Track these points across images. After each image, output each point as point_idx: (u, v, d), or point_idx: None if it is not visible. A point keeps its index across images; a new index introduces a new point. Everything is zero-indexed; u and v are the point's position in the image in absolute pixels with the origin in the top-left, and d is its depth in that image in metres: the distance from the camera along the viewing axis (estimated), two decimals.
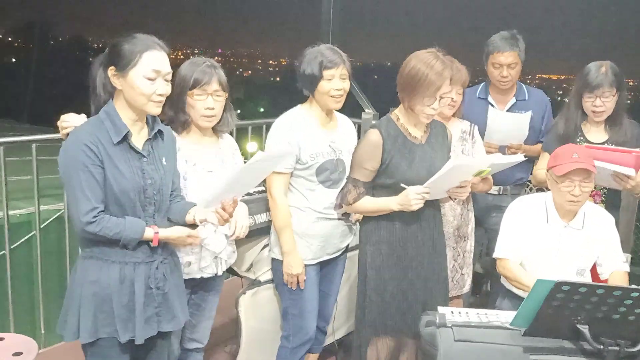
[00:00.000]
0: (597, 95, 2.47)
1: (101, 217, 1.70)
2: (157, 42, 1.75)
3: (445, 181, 2.08)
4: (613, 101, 2.48)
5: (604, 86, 2.45)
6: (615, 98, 2.48)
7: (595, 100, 2.48)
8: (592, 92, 2.47)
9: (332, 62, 2.21)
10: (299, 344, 2.42)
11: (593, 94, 2.48)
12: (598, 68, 2.48)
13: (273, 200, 2.30)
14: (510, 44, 2.78)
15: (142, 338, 1.78)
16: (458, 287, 2.69)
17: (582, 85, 2.50)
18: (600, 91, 2.46)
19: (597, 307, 1.52)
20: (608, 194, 2.57)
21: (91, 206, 1.68)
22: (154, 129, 1.82)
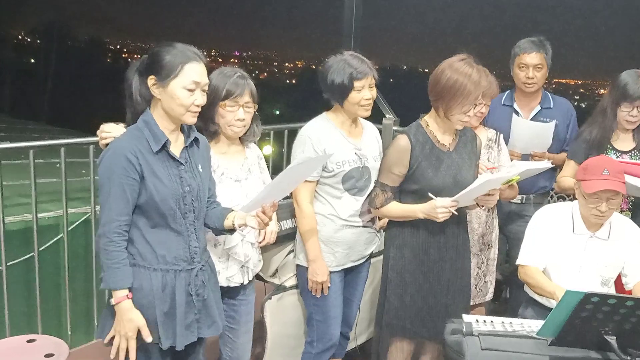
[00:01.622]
0: (635, 106, 2.49)
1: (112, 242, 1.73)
2: (196, 53, 1.79)
3: (474, 193, 2.10)
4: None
5: None
6: None
7: (632, 110, 2.50)
8: (631, 103, 2.49)
9: (362, 73, 2.23)
10: (323, 349, 2.46)
11: (631, 105, 2.49)
12: (637, 78, 2.50)
13: (299, 208, 2.34)
14: (537, 45, 2.81)
15: (182, 344, 1.83)
16: (481, 295, 2.71)
17: (621, 96, 2.52)
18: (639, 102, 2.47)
19: (625, 318, 1.54)
20: (635, 201, 2.58)
21: (109, 218, 1.73)
22: (190, 136, 1.87)
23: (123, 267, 1.74)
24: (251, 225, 1.88)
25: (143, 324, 1.76)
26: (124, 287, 1.75)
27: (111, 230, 1.73)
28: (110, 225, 1.73)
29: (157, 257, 1.80)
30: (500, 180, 2.14)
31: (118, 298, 1.74)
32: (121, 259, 1.74)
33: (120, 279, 1.74)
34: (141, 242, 1.79)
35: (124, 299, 1.75)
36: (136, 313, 1.76)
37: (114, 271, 1.73)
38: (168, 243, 1.81)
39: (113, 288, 1.75)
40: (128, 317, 1.75)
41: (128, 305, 1.75)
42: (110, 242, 1.73)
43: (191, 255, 1.85)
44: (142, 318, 1.76)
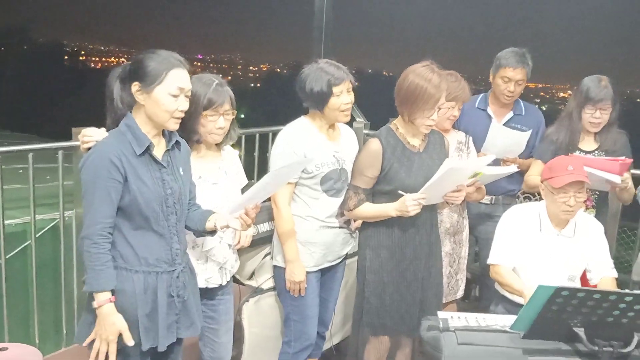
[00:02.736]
0: (598, 108, 2.61)
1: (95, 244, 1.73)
2: (179, 59, 1.82)
3: (441, 185, 2.19)
4: (609, 113, 2.63)
5: (607, 100, 2.60)
6: (611, 110, 2.63)
7: (595, 112, 2.62)
8: (594, 106, 2.61)
9: (339, 79, 2.29)
10: (300, 349, 2.50)
11: (594, 107, 2.61)
12: (598, 83, 2.62)
13: (278, 210, 2.37)
14: (522, 61, 2.89)
15: (164, 345, 1.84)
16: (453, 292, 2.81)
17: (584, 99, 2.64)
18: (602, 104, 2.60)
19: (593, 310, 1.62)
20: (598, 200, 2.70)
21: (94, 220, 1.73)
22: (172, 140, 1.89)
23: (107, 269, 1.75)
24: (234, 226, 1.91)
25: (125, 327, 1.76)
26: (107, 289, 1.74)
27: (95, 232, 1.73)
28: (94, 227, 1.73)
29: (139, 259, 1.81)
30: (465, 173, 2.22)
31: (101, 301, 1.74)
32: (104, 261, 1.74)
33: (104, 281, 1.74)
34: (123, 244, 1.80)
35: (106, 302, 1.74)
36: (118, 317, 1.76)
37: (97, 273, 1.73)
38: (150, 245, 1.82)
39: (96, 290, 1.74)
40: (110, 321, 1.75)
41: (110, 309, 1.75)
42: (93, 245, 1.73)
43: (173, 257, 1.87)
44: (124, 322, 1.76)
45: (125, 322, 1.76)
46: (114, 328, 1.75)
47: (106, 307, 1.74)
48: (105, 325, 1.75)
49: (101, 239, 1.74)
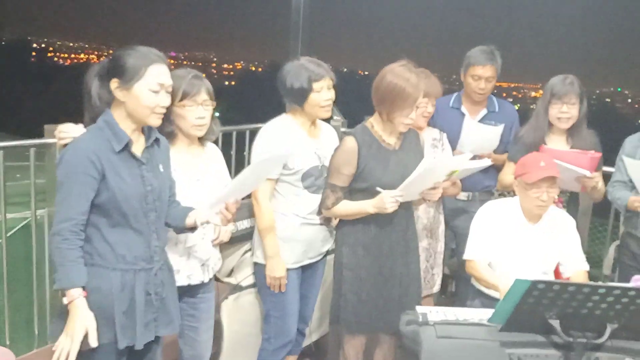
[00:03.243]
0: (564, 102, 2.67)
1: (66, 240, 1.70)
2: (159, 55, 1.81)
3: (418, 183, 2.22)
4: (576, 109, 2.69)
5: (571, 94, 2.66)
6: (578, 107, 2.69)
7: (562, 107, 2.68)
8: (560, 100, 2.67)
9: (320, 75, 2.32)
10: (280, 345, 2.51)
11: (561, 101, 2.67)
12: (564, 79, 2.69)
13: (258, 205, 2.38)
14: (490, 58, 2.95)
15: (142, 343, 1.83)
16: (429, 287, 2.86)
17: (550, 95, 2.70)
18: (567, 98, 2.66)
19: (567, 303, 1.67)
20: (569, 200, 2.78)
21: (67, 216, 1.71)
22: (151, 136, 1.88)
23: (77, 265, 1.71)
24: (214, 222, 1.91)
25: (93, 326, 1.70)
26: (78, 285, 1.70)
27: (66, 228, 1.70)
28: (66, 223, 1.71)
29: (117, 257, 1.79)
30: (443, 171, 2.26)
31: (71, 296, 1.69)
32: (75, 257, 1.71)
33: (74, 277, 1.70)
34: (100, 242, 1.78)
35: (76, 297, 1.69)
36: (89, 314, 1.70)
37: (67, 269, 1.69)
38: (129, 242, 1.81)
39: (66, 287, 1.70)
40: (79, 316, 1.68)
41: (81, 304, 1.69)
42: (64, 240, 1.70)
43: (151, 254, 1.86)
44: (94, 320, 1.71)
45: (94, 320, 1.71)
46: (82, 324, 1.68)
47: (76, 302, 1.69)
48: (73, 321, 1.69)
49: (72, 235, 1.71)
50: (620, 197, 2.70)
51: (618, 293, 1.65)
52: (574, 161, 2.52)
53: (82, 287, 1.72)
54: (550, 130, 2.77)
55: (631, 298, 1.65)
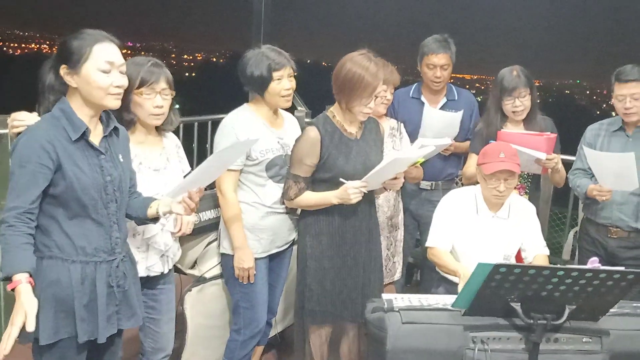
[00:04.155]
0: (515, 97, 2.75)
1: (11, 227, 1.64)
2: (106, 35, 1.78)
3: (382, 174, 2.26)
4: (529, 100, 2.77)
5: (520, 87, 2.73)
6: (530, 97, 2.77)
7: (515, 102, 2.76)
8: (510, 95, 2.75)
9: (280, 64, 2.33)
10: (250, 336, 2.52)
11: (512, 97, 2.75)
12: (510, 73, 2.77)
13: (223, 197, 2.38)
14: (444, 46, 3.01)
15: (104, 337, 1.81)
16: (390, 275, 2.92)
17: (500, 91, 2.78)
18: (517, 92, 2.74)
19: (528, 286, 1.73)
20: (531, 186, 2.87)
21: (14, 204, 1.67)
22: (109, 125, 1.85)
23: (21, 251, 1.64)
24: (177, 211, 1.90)
25: (32, 311, 1.56)
26: (21, 270, 1.60)
27: (12, 215, 1.65)
28: (12, 211, 1.66)
29: (76, 249, 1.77)
30: (407, 160, 2.31)
31: (14, 282, 1.58)
32: (19, 242, 1.64)
33: (18, 262, 1.61)
34: (58, 234, 1.75)
35: (19, 282, 1.58)
36: (31, 298, 1.57)
37: (11, 256, 1.62)
38: (88, 234, 1.78)
39: (10, 273, 1.61)
40: (20, 302, 1.56)
41: (24, 290, 1.57)
42: (8, 227, 1.65)
43: (112, 246, 1.84)
44: (35, 307, 1.57)
45: (36, 307, 1.58)
46: (21, 310, 1.56)
47: (20, 287, 1.58)
48: (15, 308, 1.59)
49: (18, 222, 1.65)
50: (580, 185, 2.81)
51: (576, 275, 1.71)
52: (531, 143, 2.60)
53: (28, 274, 1.61)
54: (507, 121, 2.85)
55: (588, 279, 1.72)
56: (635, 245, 2.72)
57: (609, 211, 2.75)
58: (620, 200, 2.68)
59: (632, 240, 2.72)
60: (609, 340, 1.86)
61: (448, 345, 1.83)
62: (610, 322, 1.88)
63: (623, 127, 2.76)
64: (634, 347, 1.88)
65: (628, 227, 2.71)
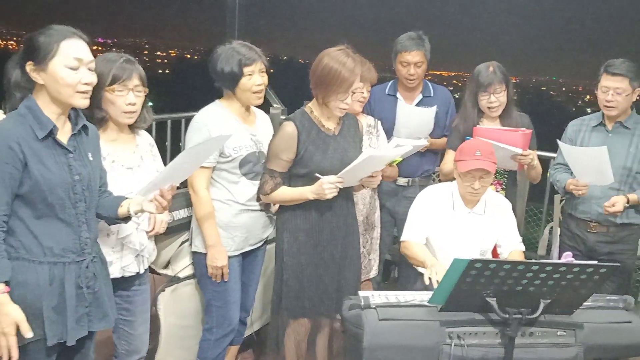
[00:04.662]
0: (490, 93, 2.79)
1: None
2: (74, 31, 1.75)
3: (359, 171, 2.27)
4: (504, 95, 2.81)
5: (495, 83, 2.77)
6: (505, 93, 2.81)
7: (490, 97, 2.80)
8: (486, 91, 2.79)
9: (251, 59, 2.32)
10: (222, 335, 2.51)
11: (487, 92, 2.79)
12: (487, 68, 2.81)
13: (196, 195, 2.36)
14: (417, 43, 3.03)
15: (73, 339, 1.79)
16: (366, 272, 2.93)
17: (476, 86, 2.81)
18: (492, 88, 2.78)
19: (503, 281, 1.76)
20: (507, 182, 2.91)
21: None
22: (78, 123, 1.82)
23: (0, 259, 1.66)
24: (149, 210, 1.88)
25: (22, 318, 1.66)
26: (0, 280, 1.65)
27: None
28: None
29: (44, 250, 1.74)
30: (383, 159, 2.32)
31: None
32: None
33: None
34: (25, 234, 1.72)
35: None
36: (14, 307, 1.66)
37: None
38: (56, 234, 1.76)
39: None
40: (4, 312, 1.65)
41: (4, 300, 1.65)
42: None
43: (81, 246, 1.81)
44: (21, 312, 1.67)
45: (22, 312, 1.67)
46: (9, 319, 1.64)
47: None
48: (0, 320, 1.65)
49: None
50: (559, 180, 2.87)
51: (550, 269, 1.75)
52: (507, 138, 2.64)
53: (5, 283, 1.66)
54: (483, 117, 2.89)
55: (562, 273, 1.76)
56: (614, 240, 2.77)
57: (588, 206, 2.80)
58: (599, 194, 2.72)
59: (611, 235, 2.77)
60: (583, 334, 1.90)
61: (425, 341, 1.85)
62: (584, 315, 1.93)
63: (603, 123, 2.81)
64: (607, 339, 1.93)
65: (607, 221, 2.76)
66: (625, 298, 2.02)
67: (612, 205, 2.62)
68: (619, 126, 2.76)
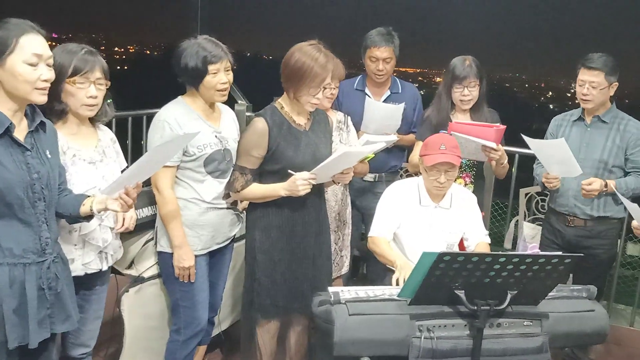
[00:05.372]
0: (464, 86, 2.85)
1: None
2: (32, 25, 1.72)
3: (332, 167, 2.29)
4: (477, 90, 2.89)
5: (470, 77, 2.84)
6: (478, 87, 2.88)
7: (464, 90, 2.86)
8: (460, 84, 2.85)
9: (217, 57, 2.28)
10: (191, 335, 2.50)
11: (461, 85, 2.85)
12: (463, 62, 2.87)
13: (160, 194, 2.34)
14: (387, 39, 3.07)
15: (36, 342, 1.76)
16: (338, 268, 2.96)
17: (451, 78, 2.87)
18: (467, 82, 2.85)
19: (471, 273, 1.81)
20: (476, 176, 2.98)
21: None
22: (35, 120, 1.79)
23: None
24: (113, 208, 1.86)
25: None
26: None
27: None
28: None
29: (3, 251, 1.71)
30: (356, 155, 2.35)
31: None
32: None
33: None
34: None
35: None
36: None
37: None
38: (15, 235, 1.73)
39: None
40: None
41: None
42: None
43: (42, 246, 1.78)
44: None
45: None
46: None
47: None
48: None
49: None
50: (538, 174, 2.97)
51: (517, 261, 1.80)
52: (481, 133, 2.71)
53: None
54: (455, 110, 2.96)
55: (528, 265, 1.82)
56: (592, 234, 2.85)
57: (566, 199, 2.88)
58: (576, 188, 2.79)
59: (588, 230, 2.85)
60: (548, 323, 1.97)
61: (395, 334, 1.89)
62: (549, 305, 2.00)
63: (582, 117, 2.89)
64: (571, 327, 2.01)
65: (584, 214, 2.84)
66: (588, 287, 2.10)
67: (589, 184, 2.68)
68: (597, 120, 2.84)
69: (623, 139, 2.77)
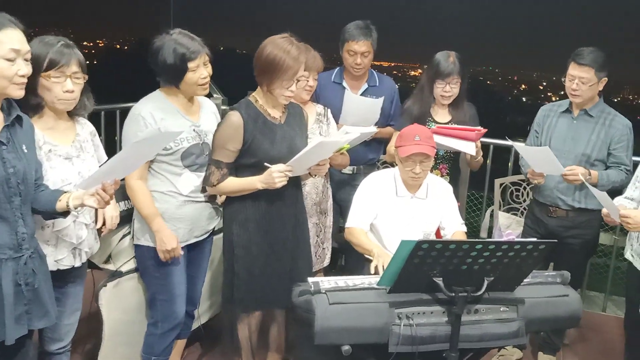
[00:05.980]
0: (447, 82, 2.91)
1: None
2: (10, 19, 1.71)
3: (308, 159, 2.31)
4: (458, 87, 2.95)
5: (453, 74, 2.90)
6: (459, 84, 2.94)
7: (446, 87, 2.92)
8: (443, 80, 2.91)
9: (195, 52, 2.26)
10: (168, 329, 2.50)
11: (444, 81, 2.91)
12: (447, 58, 2.92)
13: (128, 186, 2.33)
14: (365, 33, 3.09)
15: (13, 338, 1.76)
16: (320, 261, 2.99)
17: (435, 74, 2.93)
18: (449, 79, 2.90)
19: (449, 260, 1.85)
20: (451, 168, 3.05)
21: None
22: (11, 114, 1.77)
23: None
24: (90, 204, 1.85)
25: None
26: None
27: None
28: None
29: None
30: (332, 145, 2.38)
31: None
32: None
33: None
34: None
35: None
36: None
37: None
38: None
39: None
40: None
41: None
42: None
43: (19, 242, 1.78)
44: None
45: None
46: None
47: None
48: None
49: None
50: (523, 165, 3.04)
51: (493, 247, 1.85)
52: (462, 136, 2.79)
53: None
54: (435, 104, 3.02)
55: (504, 251, 1.87)
56: (574, 224, 2.91)
57: (550, 190, 2.94)
58: (558, 179, 2.84)
59: (570, 220, 2.91)
60: (524, 308, 2.03)
61: (375, 322, 1.92)
62: (524, 291, 2.06)
63: (570, 109, 2.94)
64: (546, 312, 2.07)
65: (566, 205, 2.90)
66: (562, 273, 2.16)
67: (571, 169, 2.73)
68: (583, 114, 2.89)
69: (608, 134, 2.82)
